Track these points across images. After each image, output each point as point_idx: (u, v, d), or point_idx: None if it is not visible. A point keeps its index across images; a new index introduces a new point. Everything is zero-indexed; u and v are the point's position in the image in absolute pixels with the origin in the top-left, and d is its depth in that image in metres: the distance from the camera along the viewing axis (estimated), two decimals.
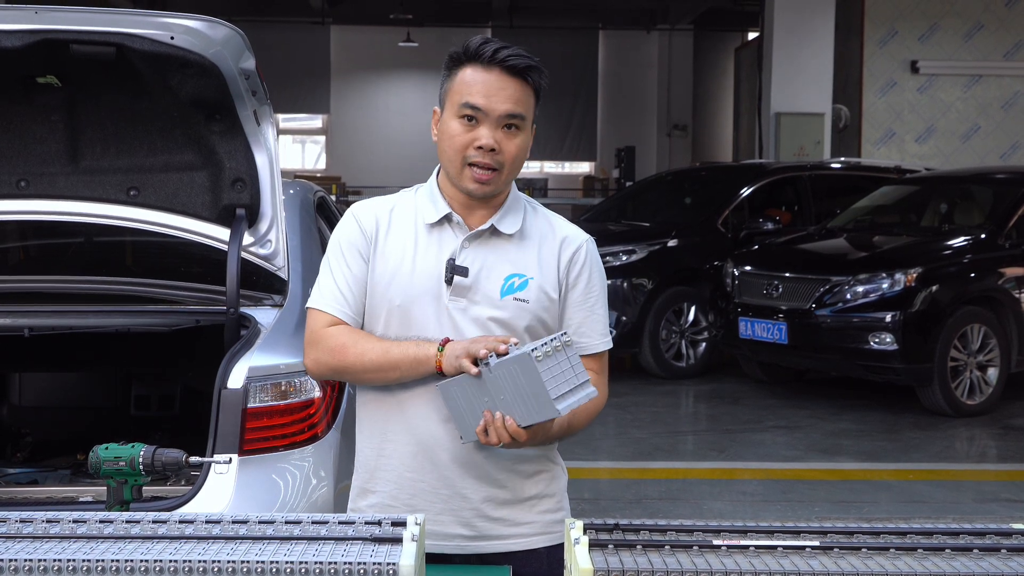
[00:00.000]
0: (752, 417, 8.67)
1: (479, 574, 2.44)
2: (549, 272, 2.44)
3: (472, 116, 2.35)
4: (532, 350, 2.14)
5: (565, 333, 2.21)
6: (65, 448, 4.22)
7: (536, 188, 20.64)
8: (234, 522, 1.94)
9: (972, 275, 8.74)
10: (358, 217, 2.47)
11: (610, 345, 2.55)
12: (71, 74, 3.39)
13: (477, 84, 2.34)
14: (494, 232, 2.43)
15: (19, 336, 3.75)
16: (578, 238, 2.50)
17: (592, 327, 2.50)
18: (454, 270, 2.38)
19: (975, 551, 1.89)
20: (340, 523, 1.96)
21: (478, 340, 2.28)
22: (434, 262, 2.40)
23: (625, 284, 9.97)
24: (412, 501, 2.43)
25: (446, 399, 2.32)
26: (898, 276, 8.44)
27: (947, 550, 1.89)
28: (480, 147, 2.34)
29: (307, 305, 2.47)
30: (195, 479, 3.19)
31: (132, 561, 1.77)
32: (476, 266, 2.39)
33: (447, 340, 2.32)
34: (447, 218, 2.43)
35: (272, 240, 3.68)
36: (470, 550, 2.44)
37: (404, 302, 2.39)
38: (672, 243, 10.37)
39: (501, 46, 2.35)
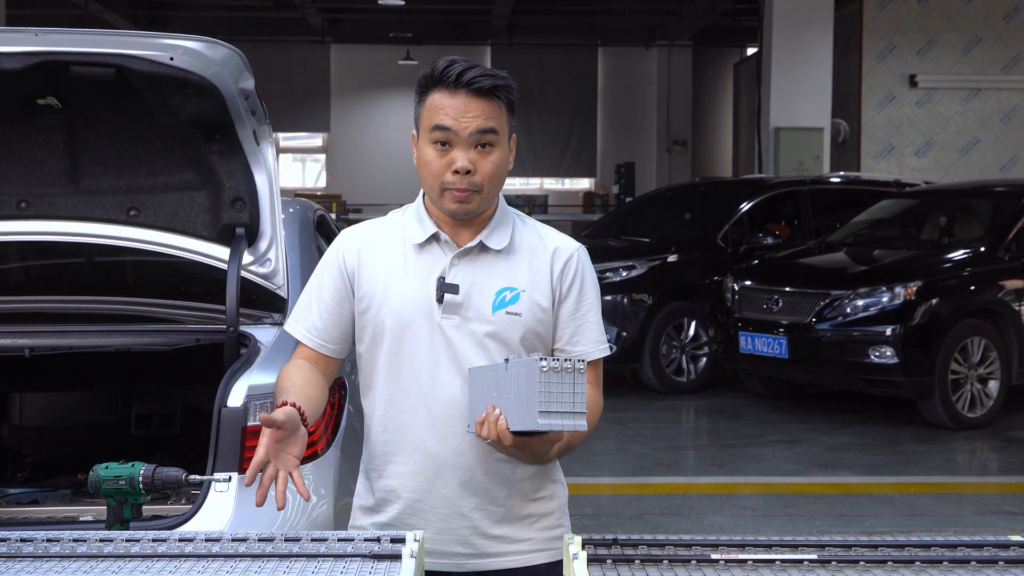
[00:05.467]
0: (753, 432, 8.66)
1: None
2: (541, 283, 2.45)
3: (444, 140, 2.35)
4: (541, 358, 2.13)
5: (583, 361, 2.15)
6: (66, 468, 4.22)
7: (536, 204, 20.68)
8: (234, 540, 1.95)
9: (972, 288, 8.75)
10: (343, 245, 2.51)
11: (606, 352, 2.53)
12: (71, 95, 3.40)
13: (445, 107, 2.34)
14: (483, 248, 2.44)
15: (20, 356, 3.75)
16: (569, 247, 2.50)
17: (587, 335, 2.49)
18: (445, 288, 2.38)
19: (972, 563, 1.90)
20: (339, 540, 1.98)
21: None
22: (423, 281, 2.41)
23: (625, 300, 9.98)
24: (411, 520, 2.44)
25: (471, 383, 2.35)
26: (898, 290, 8.45)
27: (945, 563, 1.90)
28: (456, 171, 2.34)
29: (284, 326, 2.49)
30: (195, 497, 3.19)
31: None
32: (467, 283, 2.40)
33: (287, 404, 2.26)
34: (435, 237, 2.44)
35: (272, 259, 3.69)
36: (469, 568, 2.45)
37: (396, 323, 2.40)
38: (672, 258, 10.38)
39: (466, 68, 2.34)
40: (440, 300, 2.39)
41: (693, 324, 10.18)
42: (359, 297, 2.46)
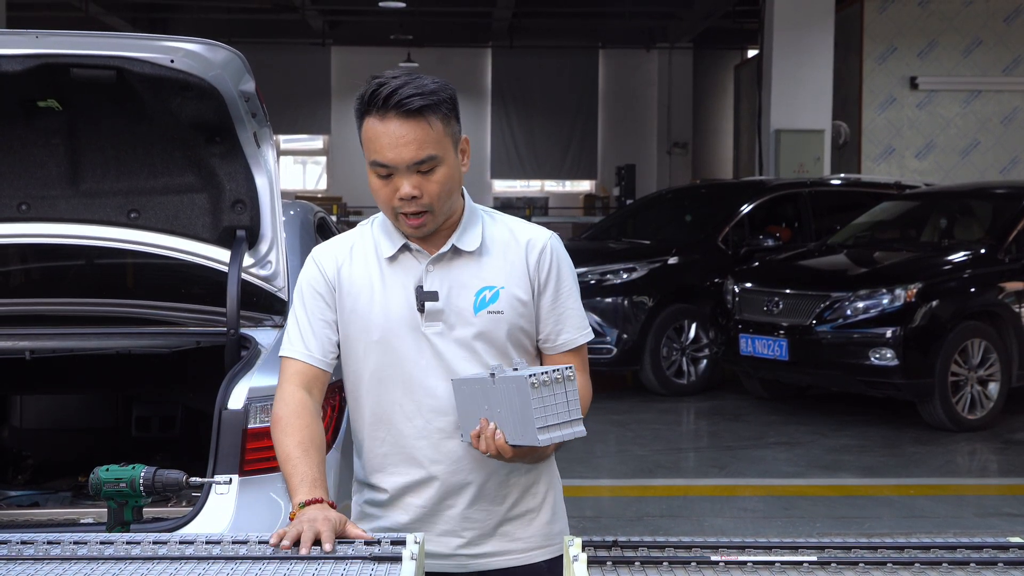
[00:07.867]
0: (753, 434, 8.66)
1: None
2: (519, 277, 2.45)
3: (385, 174, 2.32)
4: (531, 375, 2.15)
5: (571, 367, 2.20)
6: (66, 470, 4.23)
7: (537, 207, 20.68)
8: (234, 542, 1.96)
9: (972, 290, 8.75)
10: (318, 261, 2.49)
11: (590, 336, 2.54)
12: (71, 98, 3.41)
13: (380, 139, 2.29)
14: (456, 252, 2.43)
15: (20, 359, 3.76)
16: (541, 238, 2.49)
17: (569, 322, 2.50)
18: (423, 296, 2.38)
19: (972, 565, 1.90)
20: (340, 543, 1.98)
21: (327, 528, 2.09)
22: (402, 292, 2.40)
23: (626, 302, 9.98)
24: (411, 523, 2.44)
25: (456, 394, 2.35)
26: (898, 292, 8.45)
27: (944, 564, 1.91)
28: (401, 198, 2.32)
29: (281, 352, 2.47)
30: (196, 500, 3.19)
31: None
32: (444, 288, 2.40)
33: (313, 501, 2.18)
34: (405, 247, 2.43)
35: (272, 261, 3.70)
36: (471, 568, 2.46)
37: (383, 336, 2.40)
38: (672, 260, 10.38)
39: (394, 88, 2.27)
40: (421, 309, 2.39)
41: (693, 326, 10.18)
42: (341, 312, 2.44)
